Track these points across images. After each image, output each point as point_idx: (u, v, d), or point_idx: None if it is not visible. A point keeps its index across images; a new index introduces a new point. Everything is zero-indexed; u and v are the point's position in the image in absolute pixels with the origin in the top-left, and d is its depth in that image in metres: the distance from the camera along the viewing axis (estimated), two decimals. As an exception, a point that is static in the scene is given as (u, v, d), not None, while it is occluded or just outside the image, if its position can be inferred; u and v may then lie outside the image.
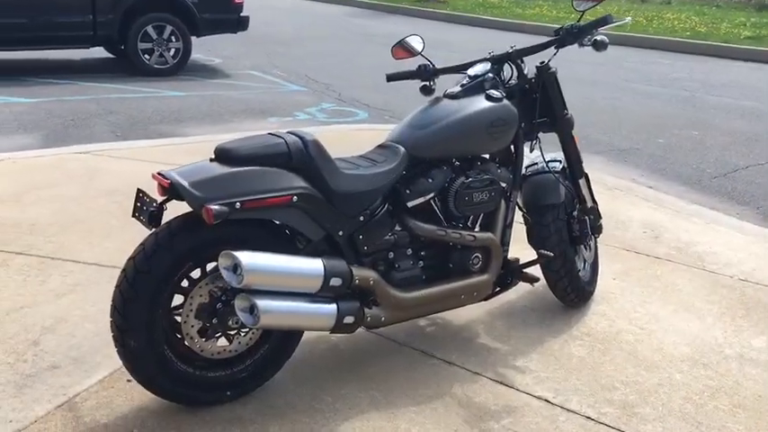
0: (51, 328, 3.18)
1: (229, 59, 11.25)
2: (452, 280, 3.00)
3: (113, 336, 2.48)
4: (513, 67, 3.23)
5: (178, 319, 2.55)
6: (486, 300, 3.22)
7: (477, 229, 3.10)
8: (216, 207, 2.35)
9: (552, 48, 3.19)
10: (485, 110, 3.00)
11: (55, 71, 9.64)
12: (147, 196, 2.51)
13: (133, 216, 2.56)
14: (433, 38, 14.37)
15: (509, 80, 3.23)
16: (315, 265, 2.55)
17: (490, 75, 3.13)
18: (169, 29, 9.78)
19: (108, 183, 5.11)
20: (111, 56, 10.75)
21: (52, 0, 9.09)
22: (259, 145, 2.57)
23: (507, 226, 3.20)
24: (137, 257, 2.44)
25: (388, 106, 8.65)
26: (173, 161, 5.50)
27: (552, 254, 3.25)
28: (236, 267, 2.39)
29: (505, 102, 3.07)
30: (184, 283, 2.55)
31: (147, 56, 9.76)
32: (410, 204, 2.89)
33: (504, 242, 3.19)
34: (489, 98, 3.03)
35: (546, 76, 3.22)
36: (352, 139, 5.85)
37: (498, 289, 3.22)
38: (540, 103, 3.22)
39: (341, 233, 2.71)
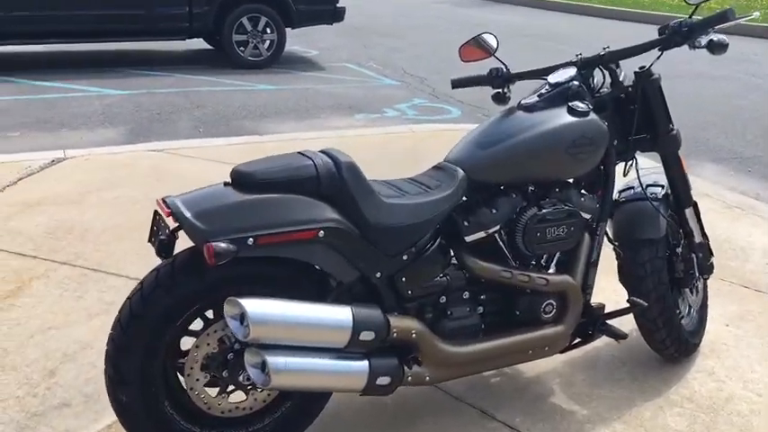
0: (73, 356, 2.90)
1: (326, 51, 10.95)
2: (518, 331, 2.49)
3: (106, 387, 2.13)
4: (606, 72, 2.66)
5: (182, 371, 2.17)
6: (561, 353, 2.68)
7: (551, 270, 2.56)
8: (220, 245, 1.95)
9: (656, 50, 2.60)
10: (565, 126, 2.46)
11: (153, 63, 9.62)
12: (163, 220, 2.14)
13: (149, 241, 2.20)
14: (547, 29, 13.63)
15: (600, 88, 2.66)
16: (342, 315, 2.11)
17: (575, 82, 2.57)
18: (264, 20, 9.55)
19: (174, 185, 4.79)
20: (210, 47, 10.68)
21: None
22: (282, 167, 2.15)
23: (591, 265, 2.65)
24: (133, 298, 2.08)
25: (483, 104, 8.05)
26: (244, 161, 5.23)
27: (646, 303, 2.67)
28: (243, 317, 1.99)
29: (592, 116, 2.51)
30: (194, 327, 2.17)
31: (241, 48, 9.58)
32: (469, 239, 2.40)
33: (587, 285, 2.64)
34: (572, 111, 2.49)
35: (647, 83, 2.63)
36: (441, 140, 5.36)
37: (577, 341, 2.67)
38: (638, 117, 2.64)
39: (379, 275, 2.25)
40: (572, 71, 2.59)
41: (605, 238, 2.73)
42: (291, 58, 10.26)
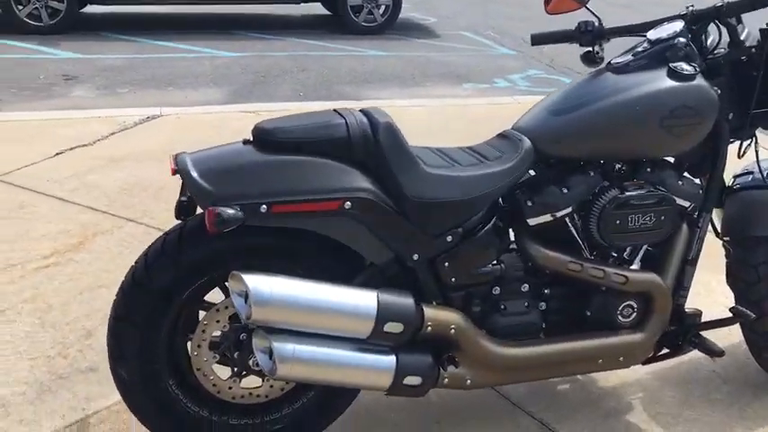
0: (114, 317, 2.75)
1: (444, 19, 10.53)
2: (588, 336, 2.10)
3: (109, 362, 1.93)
4: (723, 29, 2.17)
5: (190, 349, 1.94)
6: (644, 365, 2.26)
7: (634, 266, 2.13)
8: (226, 210, 1.68)
9: None
10: (662, 92, 2.01)
11: (268, 27, 9.54)
12: None
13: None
14: None
15: (714, 48, 2.17)
16: (365, 301, 1.80)
17: (681, 40, 2.10)
18: (381, -16, 9.25)
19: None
20: (326, 12, 10.50)
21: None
22: (310, 126, 1.86)
23: (688, 263, 2.20)
24: (137, 265, 1.86)
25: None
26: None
27: (753, 314, 2.20)
28: (247, 295, 1.72)
29: (699, 81, 2.05)
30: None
31: (356, 13, 9.34)
32: (533, 222, 2.02)
33: (681, 286, 2.20)
34: (673, 74, 2.03)
35: None
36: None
37: (664, 351, 2.24)
38: (761, 86, 2.14)
39: (416, 257, 1.92)
40: (678, 25, 2.12)
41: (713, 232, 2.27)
42: (407, 24, 9.93)
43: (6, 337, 2.61)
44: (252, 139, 1.87)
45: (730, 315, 2.25)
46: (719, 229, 2.34)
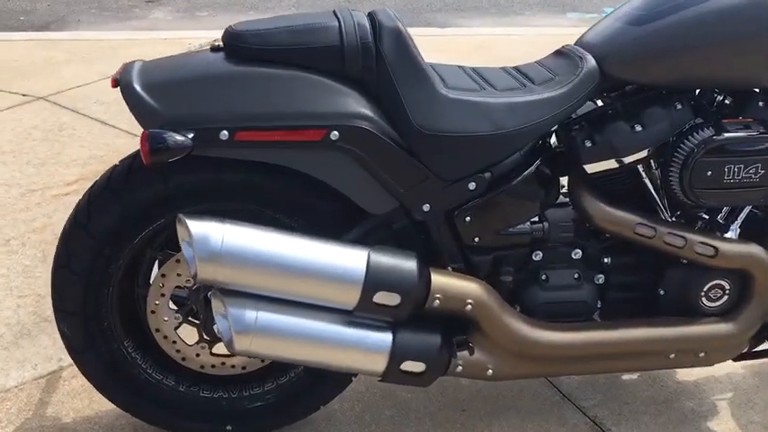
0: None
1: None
2: (658, 322, 1.60)
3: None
4: None
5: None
6: (735, 360, 1.74)
7: (730, 234, 1.60)
8: (164, 135, 1.30)
9: None
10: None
11: None
12: None
13: None
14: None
15: None
16: (350, 262, 1.38)
17: None
18: None
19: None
20: None
21: None
22: (294, 30, 1.43)
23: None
24: (80, 202, 1.51)
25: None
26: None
27: None
28: (198, 245, 1.34)
29: None
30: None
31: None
32: (597, 168, 1.52)
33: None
34: (801, -28, 1.45)
35: None
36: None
37: (765, 347, 1.71)
38: None
39: (427, 208, 1.47)
40: None
41: None
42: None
43: (2, 270, 2.37)
44: (223, 44, 1.45)
45: None
46: None
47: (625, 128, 1.51)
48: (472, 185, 1.47)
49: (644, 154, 1.52)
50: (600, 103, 1.62)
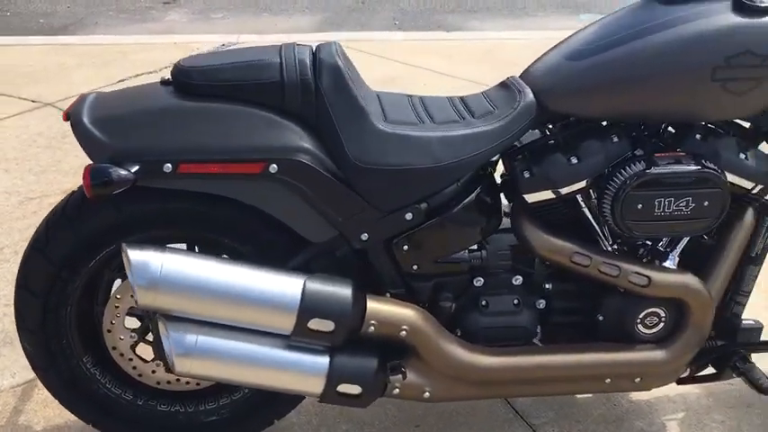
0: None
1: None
2: (593, 348, 1.64)
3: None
4: None
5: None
6: (679, 384, 1.77)
7: (668, 263, 1.63)
8: (105, 169, 1.37)
9: None
10: (719, 31, 1.46)
11: None
12: None
13: None
14: None
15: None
16: (285, 289, 1.45)
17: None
18: None
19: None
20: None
21: None
22: (237, 66, 1.49)
23: (750, 261, 1.67)
24: (39, 228, 1.60)
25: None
26: (419, 62, 4.57)
27: None
28: (139, 273, 1.41)
29: None
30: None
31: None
32: (531, 198, 1.56)
33: (739, 290, 1.69)
34: (740, 6, 1.47)
35: None
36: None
37: (710, 372, 1.74)
38: None
39: (365, 237, 1.53)
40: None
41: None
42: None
43: (-7, 279, 2.48)
44: (171, 78, 1.52)
45: None
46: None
47: (562, 160, 1.55)
48: (409, 216, 1.53)
49: (583, 184, 1.56)
50: (547, 133, 1.65)
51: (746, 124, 1.67)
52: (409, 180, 1.50)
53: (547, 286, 1.66)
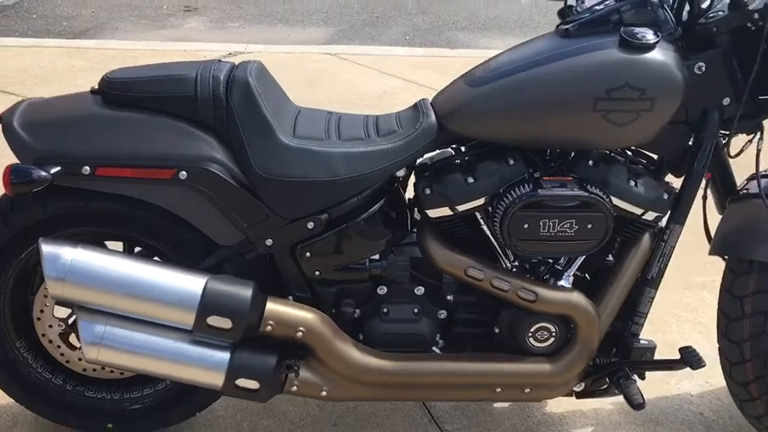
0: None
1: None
2: (485, 358, 1.73)
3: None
4: None
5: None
6: (579, 398, 1.85)
7: (562, 281, 1.71)
8: (23, 169, 1.51)
9: None
10: (601, 65, 1.55)
11: None
12: None
13: None
14: None
15: (708, 10, 1.65)
16: (187, 287, 1.57)
17: (652, 1, 1.61)
18: None
19: (324, 92, 4.47)
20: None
21: None
22: (156, 79, 1.63)
23: (646, 283, 1.74)
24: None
25: None
26: (414, 78, 4.68)
27: (702, 363, 1.72)
28: (55, 266, 1.55)
29: (656, 53, 1.55)
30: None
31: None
32: (433, 214, 1.66)
33: (635, 312, 1.76)
34: (623, 42, 1.55)
35: None
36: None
37: (597, 387, 1.82)
38: (761, 65, 1.61)
39: (270, 242, 1.64)
40: (652, -21, 1.63)
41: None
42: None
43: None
44: (98, 88, 1.65)
45: (678, 357, 1.78)
46: (717, 245, 1.84)
47: (459, 179, 1.64)
48: (310, 224, 1.63)
49: (481, 202, 1.65)
50: (456, 154, 1.75)
51: (654, 156, 1.76)
52: (309, 191, 1.61)
53: (449, 298, 1.75)
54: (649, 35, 1.55)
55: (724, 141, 1.76)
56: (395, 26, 6.53)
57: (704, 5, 1.64)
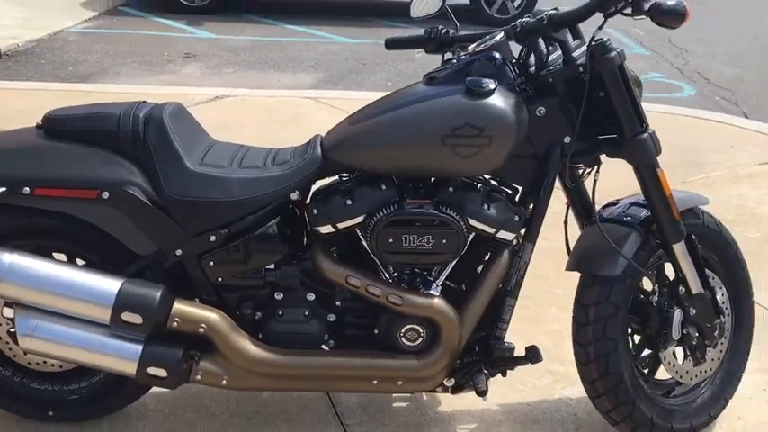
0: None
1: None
2: (360, 353, 2.03)
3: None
4: (555, 43, 1.98)
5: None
6: (453, 393, 2.12)
7: (432, 289, 2.01)
8: None
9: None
10: (448, 107, 1.88)
11: (405, 14, 9.48)
12: None
13: None
14: None
15: (545, 64, 1.99)
16: (105, 288, 1.89)
17: (495, 54, 1.94)
18: (516, -23, 9.01)
19: (296, 131, 4.81)
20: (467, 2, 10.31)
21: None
22: (87, 116, 1.98)
23: (508, 294, 2.03)
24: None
25: (734, 84, 6.77)
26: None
27: (540, 358, 2.00)
28: (-2, 268, 1.88)
29: (492, 99, 1.87)
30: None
31: (490, 4, 9.18)
32: (320, 231, 1.98)
33: (499, 318, 2.04)
34: (466, 89, 1.88)
35: (601, 63, 1.91)
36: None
37: (466, 382, 2.09)
38: (593, 107, 1.93)
39: (179, 252, 1.96)
40: (498, 36, 1.96)
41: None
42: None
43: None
44: (41, 124, 2.00)
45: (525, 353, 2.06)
46: (568, 260, 2.13)
47: (340, 201, 1.95)
48: (212, 238, 1.95)
49: (359, 221, 1.96)
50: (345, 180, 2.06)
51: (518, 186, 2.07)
52: (210, 209, 1.93)
53: (337, 304, 2.05)
54: (489, 84, 1.87)
55: (583, 172, 2.08)
56: (379, 72, 6.92)
57: (549, 60, 1.97)
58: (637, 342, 2.16)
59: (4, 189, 1.88)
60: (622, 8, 1.84)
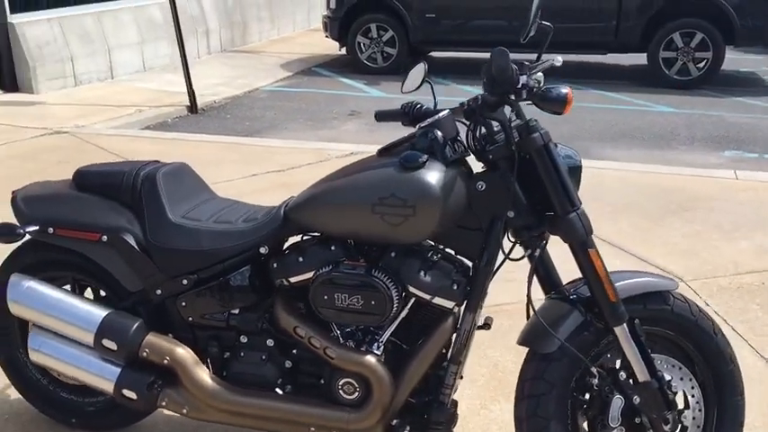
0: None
1: (786, 75, 9.26)
2: (300, 401, 2.17)
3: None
4: (496, 123, 2.04)
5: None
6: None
7: (374, 346, 2.10)
8: (5, 227, 2.30)
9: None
10: (378, 178, 2.00)
11: (580, 75, 9.35)
12: None
13: None
14: None
15: (488, 141, 2.05)
16: (92, 316, 2.23)
17: (436, 131, 2.04)
18: (699, 36, 8.62)
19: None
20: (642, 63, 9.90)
21: (580, 6, 8.96)
22: (105, 172, 2.36)
23: (451, 360, 2.09)
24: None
25: None
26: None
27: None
28: (21, 292, 2.31)
29: (418, 173, 1.95)
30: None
31: (669, 66, 8.83)
32: (277, 283, 2.18)
33: (442, 383, 2.09)
34: (399, 163, 2.00)
35: (526, 143, 1.94)
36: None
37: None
38: (537, 185, 1.98)
39: (159, 292, 2.26)
40: (441, 114, 2.07)
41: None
42: (738, 78, 9.00)
43: None
44: (73, 178, 2.42)
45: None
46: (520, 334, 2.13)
47: (294, 258, 2.13)
48: (184, 281, 2.22)
49: (309, 276, 2.12)
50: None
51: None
52: (182, 256, 2.20)
53: (294, 351, 2.22)
54: (420, 158, 1.97)
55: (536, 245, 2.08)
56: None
57: (496, 137, 2.03)
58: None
59: (36, 228, 2.30)
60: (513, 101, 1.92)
